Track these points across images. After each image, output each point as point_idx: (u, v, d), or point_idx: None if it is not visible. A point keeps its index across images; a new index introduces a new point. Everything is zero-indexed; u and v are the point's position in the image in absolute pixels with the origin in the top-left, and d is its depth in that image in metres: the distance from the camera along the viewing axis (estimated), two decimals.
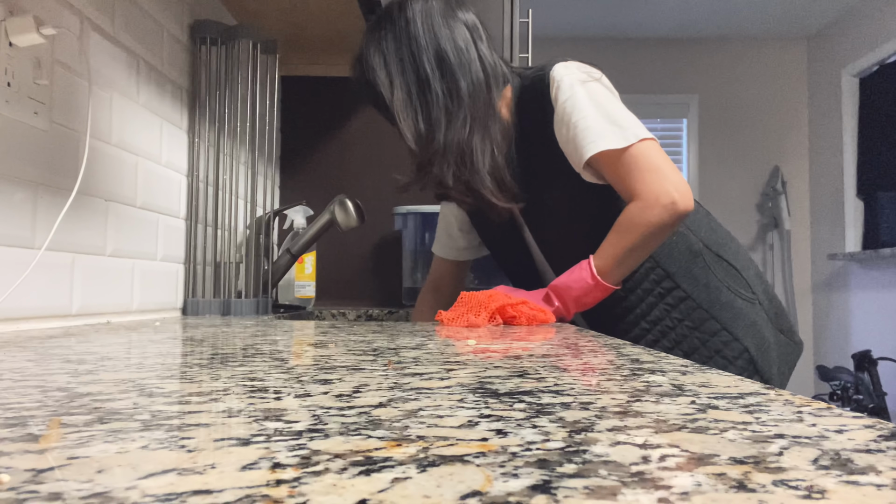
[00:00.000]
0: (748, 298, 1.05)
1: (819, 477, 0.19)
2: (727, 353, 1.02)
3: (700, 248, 1.05)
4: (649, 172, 0.93)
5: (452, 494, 0.17)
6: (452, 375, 0.40)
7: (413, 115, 0.98)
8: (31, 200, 0.76)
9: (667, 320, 1.04)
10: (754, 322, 1.04)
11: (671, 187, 0.92)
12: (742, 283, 1.05)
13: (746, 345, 1.02)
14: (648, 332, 1.06)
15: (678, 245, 1.04)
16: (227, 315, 1.19)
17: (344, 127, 1.87)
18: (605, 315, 1.08)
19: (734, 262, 1.06)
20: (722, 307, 1.03)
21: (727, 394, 0.33)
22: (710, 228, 1.08)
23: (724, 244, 1.08)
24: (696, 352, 1.03)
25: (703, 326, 1.03)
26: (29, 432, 0.24)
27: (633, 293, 1.05)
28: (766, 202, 4.05)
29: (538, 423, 0.26)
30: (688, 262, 1.04)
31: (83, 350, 0.53)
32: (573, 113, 0.95)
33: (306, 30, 1.56)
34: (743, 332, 1.03)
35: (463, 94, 0.98)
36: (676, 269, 1.04)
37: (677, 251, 1.04)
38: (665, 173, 0.93)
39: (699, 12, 3.77)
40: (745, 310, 1.04)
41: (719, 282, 1.04)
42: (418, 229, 1.65)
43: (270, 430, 0.24)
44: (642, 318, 1.06)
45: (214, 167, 1.25)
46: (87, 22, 0.88)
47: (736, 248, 1.09)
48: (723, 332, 1.02)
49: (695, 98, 4.13)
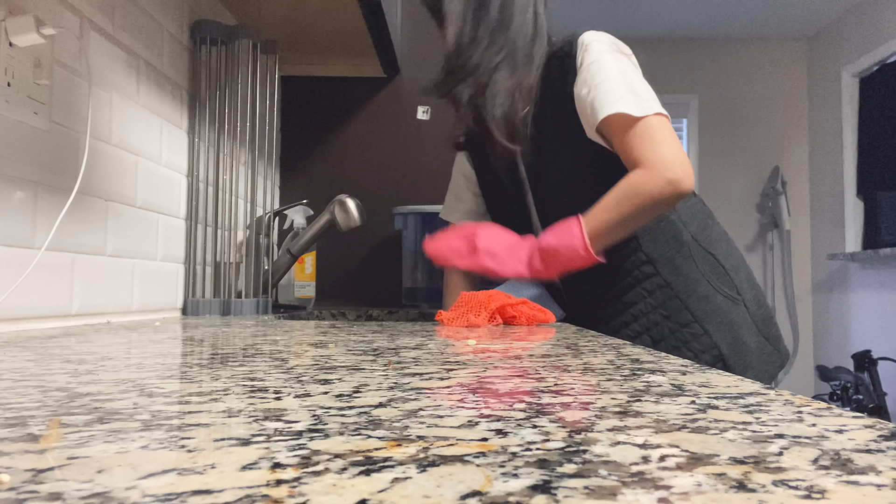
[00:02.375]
0: (730, 297, 1.04)
1: (819, 477, 0.19)
2: (695, 346, 1.02)
3: (687, 239, 1.05)
4: (658, 144, 0.93)
5: (452, 494, 0.17)
6: (452, 375, 0.40)
7: (461, 25, 1.02)
8: (31, 200, 0.76)
9: (641, 304, 1.05)
10: (731, 321, 1.03)
11: (678, 163, 0.92)
12: (727, 282, 1.05)
13: (717, 341, 1.02)
14: (621, 314, 1.06)
15: (665, 232, 1.04)
16: (227, 315, 1.19)
17: (344, 127, 1.87)
18: (583, 289, 1.09)
19: (722, 261, 1.06)
20: (699, 300, 1.03)
21: (727, 394, 0.33)
22: (705, 224, 1.08)
23: (716, 242, 1.07)
24: (665, 340, 1.04)
25: (676, 316, 1.03)
26: (29, 432, 0.24)
27: (612, 272, 1.05)
28: (766, 202, 4.04)
29: (538, 423, 0.26)
30: (672, 251, 1.04)
31: (83, 350, 0.53)
32: (597, 75, 0.96)
33: (306, 30, 1.56)
34: (715, 328, 1.02)
35: (511, 31, 1.02)
36: (659, 256, 1.04)
37: (663, 238, 1.04)
38: (674, 149, 0.93)
39: (699, 12, 3.77)
40: (723, 307, 1.03)
41: (701, 275, 1.03)
42: (418, 229, 1.65)
43: (270, 430, 0.24)
44: (617, 299, 1.06)
45: (214, 167, 1.25)
46: (87, 22, 0.88)
47: (728, 249, 1.08)
48: (694, 324, 1.02)
49: (695, 98, 4.13)
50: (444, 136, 1.86)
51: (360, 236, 1.86)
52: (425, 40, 1.87)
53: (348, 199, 1.32)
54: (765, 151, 4.12)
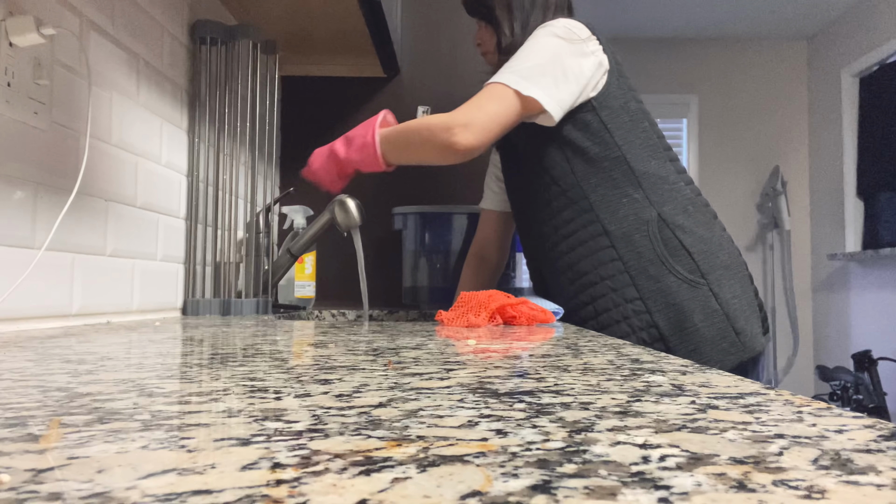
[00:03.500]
0: (688, 280, 1.04)
1: (819, 477, 0.19)
2: (634, 322, 1.04)
3: (650, 218, 1.06)
4: (470, 104, 1.04)
5: (452, 494, 0.17)
6: (452, 375, 0.40)
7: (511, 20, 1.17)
8: (31, 200, 0.76)
9: (591, 274, 1.07)
10: (681, 304, 1.03)
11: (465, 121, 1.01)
12: (688, 265, 1.05)
13: (656, 320, 1.03)
14: (571, 284, 1.10)
15: (626, 207, 1.06)
16: (227, 315, 1.19)
17: (344, 127, 1.87)
18: (539, 256, 1.16)
19: (689, 245, 1.05)
20: (648, 278, 1.04)
21: (727, 394, 0.33)
22: (684, 209, 1.08)
23: (690, 227, 1.07)
24: (607, 312, 1.06)
25: (622, 290, 1.05)
26: (29, 432, 0.24)
27: (565, 240, 1.10)
28: (766, 202, 4.04)
29: (538, 423, 0.26)
30: (630, 227, 1.06)
31: (83, 350, 0.53)
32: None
33: (306, 30, 1.56)
34: (658, 307, 1.03)
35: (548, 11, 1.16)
36: (615, 229, 1.06)
37: (622, 213, 1.06)
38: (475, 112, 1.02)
39: (699, 12, 3.77)
40: (674, 288, 1.03)
41: (656, 255, 1.05)
42: (418, 229, 1.65)
43: (270, 430, 0.24)
44: (569, 268, 1.10)
45: (214, 167, 1.25)
46: (87, 22, 0.88)
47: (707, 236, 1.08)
48: (638, 301, 1.04)
49: (695, 98, 4.13)
50: None
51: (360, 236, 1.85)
52: (425, 40, 1.87)
53: (348, 198, 1.32)
54: (765, 151, 4.12)
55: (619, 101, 1.10)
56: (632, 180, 1.07)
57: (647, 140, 1.10)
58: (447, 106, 1.90)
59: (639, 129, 1.10)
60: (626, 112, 1.10)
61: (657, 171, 1.09)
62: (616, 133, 1.08)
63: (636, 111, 1.11)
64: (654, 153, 1.10)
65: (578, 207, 1.09)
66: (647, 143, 1.10)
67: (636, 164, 1.08)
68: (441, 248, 1.63)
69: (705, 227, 1.09)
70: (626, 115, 1.10)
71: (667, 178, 1.09)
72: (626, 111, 1.10)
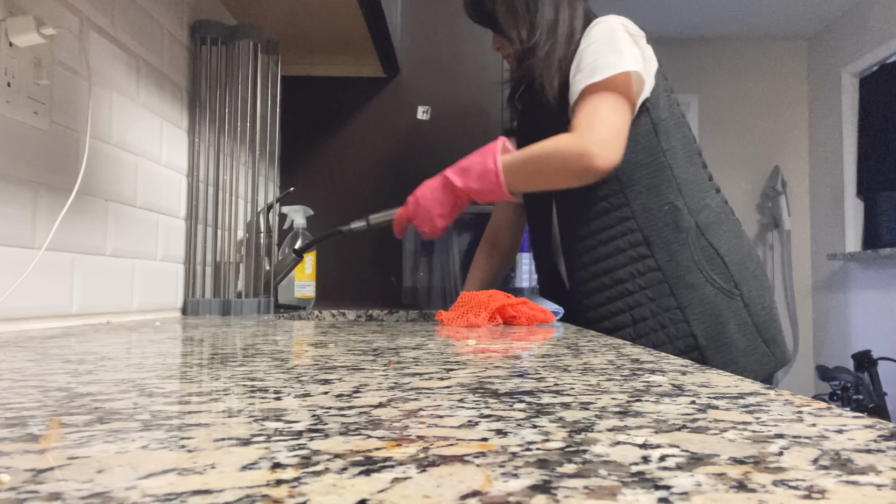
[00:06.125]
0: (724, 290, 1.03)
1: (819, 477, 0.19)
2: (671, 332, 1.03)
3: (687, 226, 1.05)
4: (595, 117, 0.98)
5: (452, 494, 0.17)
6: (452, 375, 0.40)
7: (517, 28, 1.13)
8: (31, 200, 0.76)
9: (629, 283, 1.06)
10: (718, 314, 1.02)
11: (596, 142, 0.96)
12: (723, 275, 1.04)
13: (694, 329, 1.02)
14: (608, 288, 1.08)
15: (666, 216, 1.05)
16: (227, 315, 1.19)
17: (344, 127, 1.87)
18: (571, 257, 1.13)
19: (724, 254, 1.05)
20: (686, 287, 1.03)
21: (727, 394, 0.33)
22: (717, 217, 1.07)
23: (723, 235, 1.06)
24: (645, 321, 1.05)
25: (660, 300, 1.04)
26: (29, 432, 0.24)
27: (604, 245, 1.08)
28: (766, 202, 4.05)
29: (538, 423, 0.26)
30: (669, 234, 1.04)
31: (83, 350, 0.53)
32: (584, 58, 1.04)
33: (306, 30, 1.56)
34: (696, 317, 1.02)
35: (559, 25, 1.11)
36: (656, 238, 1.05)
37: (662, 222, 1.05)
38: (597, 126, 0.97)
39: (699, 12, 3.77)
40: (711, 297, 1.03)
41: (693, 263, 1.03)
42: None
43: (270, 430, 0.24)
44: (605, 273, 1.08)
45: (214, 167, 1.25)
46: (87, 22, 0.88)
47: (737, 246, 1.07)
48: (676, 310, 1.03)
49: (695, 98, 4.13)
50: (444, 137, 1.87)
51: (360, 236, 1.86)
52: (425, 40, 1.87)
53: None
54: (765, 151, 4.12)
55: (665, 104, 1.08)
56: (673, 188, 1.05)
57: (687, 145, 1.08)
58: (447, 106, 1.90)
59: (681, 133, 1.08)
60: (672, 116, 1.08)
61: (695, 177, 1.07)
62: (662, 137, 1.06)
63: (679, 115, 1.09)
64: (691, 159, 1.08)
65: (619, 214, 1.06)
66: (688, 148, 1.08)
67: (678, 171, 1.06)
68: (441, 249, 1.63)
69: (736, 236, 1.08)
70: (671, 119, 1.07)
71: (703, 185, 1.08)
72: (672, 115, 1.08)
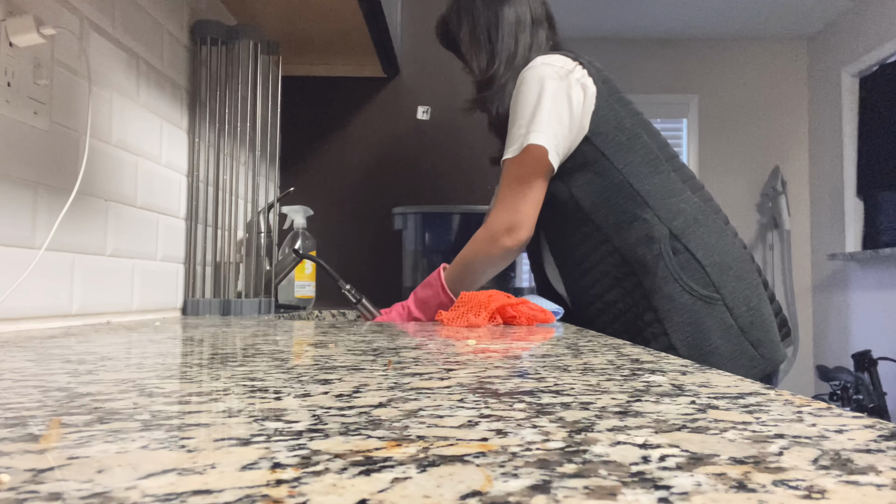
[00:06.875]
0: (703, 297, 1.01)
1: (819, 477, 0.19)
2: (654, 347, 1.01)
3: (660, 236, 1.03)
4: (499, 202, 1.08)
5: (452, 494, 0.17)
6: (452, 375, 0.40)
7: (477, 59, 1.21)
8: (31, 200, 0.76)
9: (620, 303, 1.07)
10: (699, 322, 1.00)
11: (502, 229, 1.06)
12: (701, 280, 1.02)
13: (674, 341, 1.00)
14: (604, 313, 1.09)
15: (637, 231, 1.05)
16: (227, 315, 1.19)
17: (344, 127, 1.87)
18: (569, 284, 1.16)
19: (702, 258, 1.03)
20: (663, 298, 1.01)
21: (727, 394, 0.33)
22: (693, 219, 1.05)
23: (701, 238, 1.04)
24: (636, 339, 1.05)
25: (644, 315, 1.03)
26: (29, 432, 0.24)
27: (591, 272, 1.10)
28: (766, 202, 4.04)
29: (538, 423, 0.26)
30: (643, 249, 1.04)
31: (83, 350, 0.53)
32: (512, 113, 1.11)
33: (306, 30, 1.56)
34: (675, 328, 1.00)
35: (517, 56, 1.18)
36: (631, 255, 1.05)
37: (635, 237, 1.05)
38: (504, 210, 1.07)
39: (699, 12, 3.77)
40: (689, 306, 1.01)
41: (669, 272, 1.02)
42: (418, 229, 1.65)
43: (270, 430, 0.24)
44: (598, 299, 1.10)
45: (214, 167, 1.25)
46: (87, 22, 0.88)
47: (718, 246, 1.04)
48: (656, 323, 1.02)
49: (695, 98, 4.13)
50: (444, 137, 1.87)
51: (360, 236, 1.86)
52: (425, 40, 1.87)
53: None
54: (765, 151, 4.12)
55: (611, 123, 1.07)
56: (638, 202, 1.05)
57: (647, 155, 1.07)
58: (447, 106, 1.90)
59: (637, 145, 1.07)
60: (622, 131, 1.07)
61: (662, 185, 1.06)
62: (614, 157, 1.06)
63: (631, 127, 1.08)
64: (656, 167, 1.07)
65: (595, 240, 1.08)
66: (648, 158, 1.07)
67: (639, 185, 1.05)
68: (441, 248, 1.63)
69: (717, 235, 1.06)
70: (622, 135, 1.07)
71: (673, 190, 1.06)
72: (620, 131, 1.07)
